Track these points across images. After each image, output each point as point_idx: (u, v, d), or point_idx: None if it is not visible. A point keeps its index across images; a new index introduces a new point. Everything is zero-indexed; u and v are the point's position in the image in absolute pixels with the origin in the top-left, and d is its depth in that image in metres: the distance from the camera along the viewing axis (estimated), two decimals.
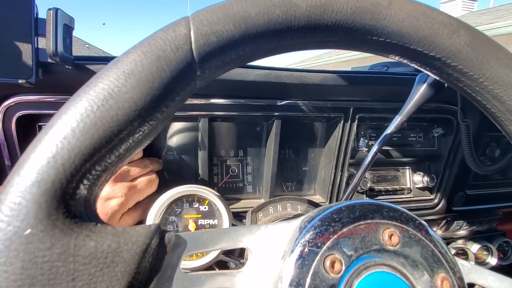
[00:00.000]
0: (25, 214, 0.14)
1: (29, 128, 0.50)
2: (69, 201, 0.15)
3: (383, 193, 0.72)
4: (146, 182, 0.47)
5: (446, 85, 0.41)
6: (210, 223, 0.48)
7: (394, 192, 0.73)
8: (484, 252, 0.95)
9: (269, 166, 0.62)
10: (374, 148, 0.44)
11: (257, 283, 0.19)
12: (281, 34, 0.20)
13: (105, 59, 0.46)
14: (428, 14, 0.22)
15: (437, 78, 0.25)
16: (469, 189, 0.78)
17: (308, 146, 0.69)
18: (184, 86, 0.18)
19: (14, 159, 0.49)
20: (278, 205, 0.43)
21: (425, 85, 0.39)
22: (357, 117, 0.62)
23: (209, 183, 0.60)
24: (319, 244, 0.18)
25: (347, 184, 0.68)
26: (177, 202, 0.46)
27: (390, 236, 0.19)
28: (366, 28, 0.21)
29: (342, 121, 0.61)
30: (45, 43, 0.39)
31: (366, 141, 0.66)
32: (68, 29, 0.40)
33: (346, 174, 0.66)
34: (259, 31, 0.19)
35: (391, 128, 0.43)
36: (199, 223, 0.47)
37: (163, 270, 0.16)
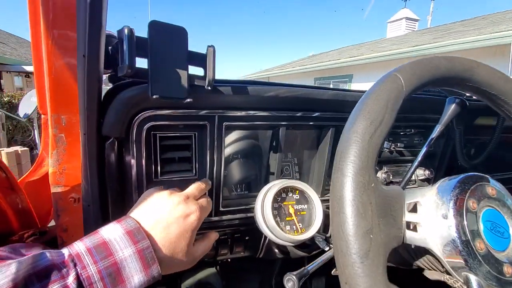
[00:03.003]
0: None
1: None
2: None
3: (397, 184, 0.92)
4: (206, 201, 0.53)
5: (467, 104, 0.61)
6: (303, 207, 0.62)
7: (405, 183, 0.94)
8: None
9: (322, 165, 0.77)
10: (424, 149, 0.63)
11: (431, 218, 0.35)
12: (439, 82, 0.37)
13: (234, 82, 0.58)
14: (494, 72, 0.40)
15: (489, 104, 0.44)
16: None
17: None
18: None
19: (139, 163, 0.57)
20: None
21: (454, 104, 0.59)
22: None
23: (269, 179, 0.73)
24: (464, 194, 0.35)
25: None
26: (279, 192, 0.60)
27: (492, 189, 0.37)
28: (467, 77, 0.39)
29: None
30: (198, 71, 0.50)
31: (389, 143, 0.85)
32: None
33: None
34: (427, 80, 0.36)
35: (434, 134, 0.62)
36: (295, 207, 0.61)
37: None
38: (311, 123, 0.72)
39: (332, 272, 0.93)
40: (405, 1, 11.88)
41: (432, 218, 0.35)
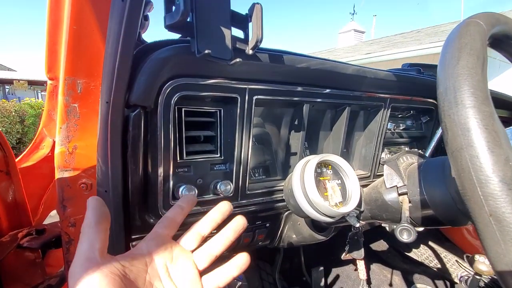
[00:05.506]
0: None
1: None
2: None
3: None
4: None
5: None
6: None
7: None
8: None
9: (338, 146, 0.77)
10: None
11: None
12: (499, 35, 0.38)
13: (271, 50, 0.54)
14: None
15: None
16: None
17: (349, 130, 0.87)
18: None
19: (166, 141, 0.50)
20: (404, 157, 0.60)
21: None
22: (391, 106, 0.84)
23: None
24: None
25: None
26: (315, 167, 0.57)
27: None
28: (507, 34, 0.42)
29: (382, 109, 0.83)
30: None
31: (394, 124, 0.89)
32: None
33: (381, 152, 0.87)
34: (495, 30, 0.37)
35: None
36: (331, 183, 0.59)
37: None
38: (331, 100, 0.71)
39: (343, 256, 0.92)
40: (353, 14, 13.01)
41: None
